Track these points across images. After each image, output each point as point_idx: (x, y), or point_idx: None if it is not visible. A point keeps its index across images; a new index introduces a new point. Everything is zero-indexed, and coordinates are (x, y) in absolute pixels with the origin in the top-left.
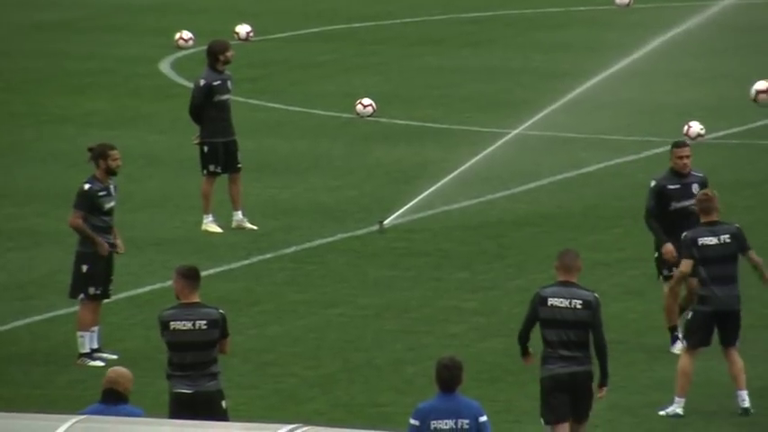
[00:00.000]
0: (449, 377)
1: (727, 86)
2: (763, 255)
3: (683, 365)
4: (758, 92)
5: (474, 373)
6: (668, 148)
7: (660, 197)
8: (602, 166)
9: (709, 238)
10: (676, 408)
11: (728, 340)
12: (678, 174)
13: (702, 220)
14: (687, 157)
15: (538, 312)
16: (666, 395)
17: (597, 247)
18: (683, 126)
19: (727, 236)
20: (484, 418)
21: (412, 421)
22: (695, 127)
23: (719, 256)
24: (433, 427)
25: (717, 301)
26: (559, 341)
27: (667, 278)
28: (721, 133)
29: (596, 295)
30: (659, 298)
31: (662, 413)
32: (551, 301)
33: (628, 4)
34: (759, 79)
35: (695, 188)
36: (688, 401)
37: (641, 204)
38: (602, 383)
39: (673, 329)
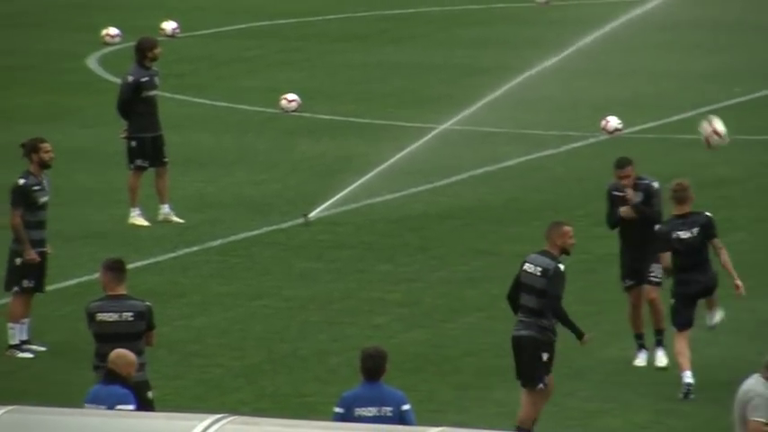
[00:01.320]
0: (373, 366)
1: (642, 83)
2: None
3: (679, 348)
4: (714, 132)
5: (397, 364)
6: (588, 141)
7: (611, 202)
8: (522, 160)
9: (683, 232)
10: (687, 378)
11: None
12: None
13: (676, 211)
14: (627, 177)
15: (519, 275)
16: (582, 383)
17: (518, 239)
18: (601, 121)
19: (697, 228)
20: (407, 407)
21: (337, 409)
22: (613, 122)
23: (693, 248)
24: (357, 414)
25: (698, 285)
26: (523, 305)
27: (628, 288)
28: (637, 128)
29: (559, 265)
30: (578, 288)
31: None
32: (525, 266)
33: (547, 2)
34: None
35: (639, 196)
36: (607, 389)
37: (560, 197)
38: (579, 339)
39: (639, 337)
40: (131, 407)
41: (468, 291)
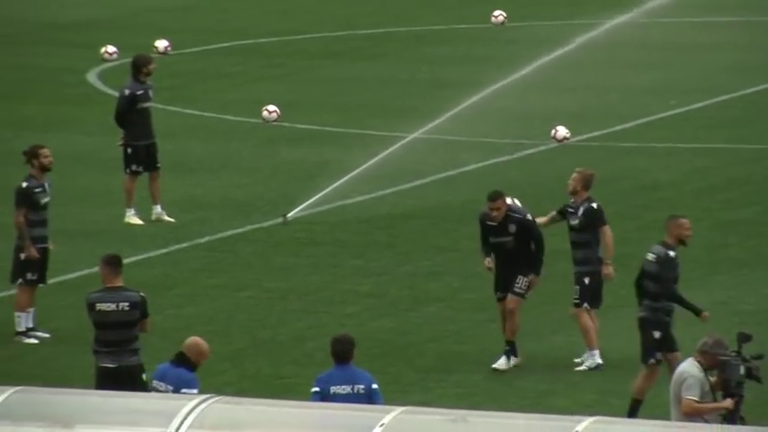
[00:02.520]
0: (341, 350)
1: (588, 96)
2: (620, 245)
3: (586, 324)
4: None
5: (366, 349)
6: (539, 149)
7: (481, 229)
8: (480, 165)
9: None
10: (597, 358)
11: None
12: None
13: (584, 195)
14: (498, 209)
15: (643, 263)
16: (533, 366)
17: (476, 237)
18: (551, 130)
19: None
20: (375, 386)
21: (314, 389)
22: (562, 131)
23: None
24: (332, 391)
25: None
26: (644, 289)
27: (500, 300)
28: (584, 136)
29: (669, 252)
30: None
31: (584, 367)
32: (646, 255)
33: (502, 23)
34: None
35: (512, 228)
36: (556, 372)
37: None
38: (697, 315)
39: (510, 343)
40: (195, 391)
41: (431, 283)
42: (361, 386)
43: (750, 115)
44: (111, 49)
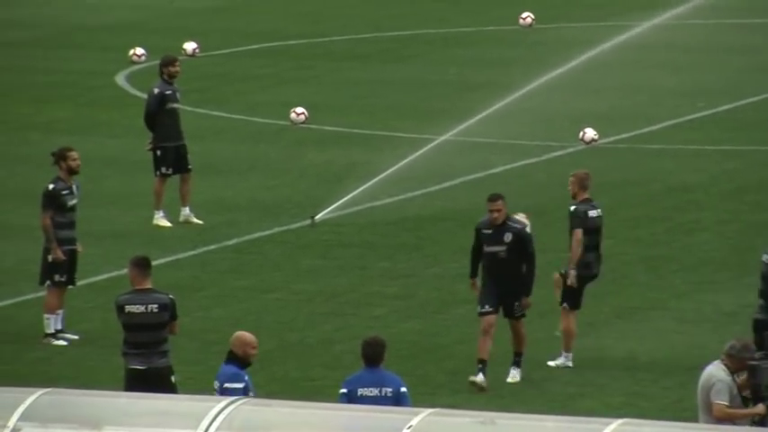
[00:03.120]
0: (372, 353)
1: (617, 97)
2: (649, 247)
3: (568, 327)
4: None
5: (394, 351)
6: (567, 151)
7: (477, 238)
8: (508, 167)
9: (594, 211)
10: (566, 361)
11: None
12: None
13: (583, 196)
14: (498, 210)
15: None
16: (562, 369)
17: None
18: (579, 132)
19: (599, 210)
20: (404, 389)
21: (341, 390)
22: (590, 133)
23: (598, 227)
24: (359, 394)
25: (594, 266)
26: (760, 290)
27: (485, 314)
28: (612, 138)
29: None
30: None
31: (551, 363)
32: (762, 257)
33: (530, 25)
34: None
35: (507, 237)
36: (585, 374)
37: (542, 201)
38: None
39: (480, 362)
40: (239, 386)
41: (459, 285)
42: (389, 389)
43: None
44: (139, 51)
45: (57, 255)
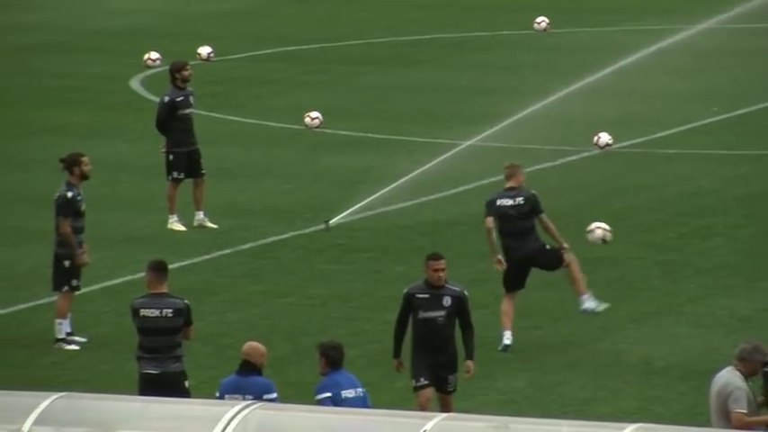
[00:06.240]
0: (339, 356)
1: (631, 102)
2: (663, 251)
3: (504, 307)
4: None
5: (407, 355)
6: (581, 155)
7: (409, 306)
8: None
9: (506, 200)
10: (506, 340)
11: (522, 285)
12: (431, 285)
13: (505, 185)
14: (443, 270)
15: None
16: (576, 373)
17: None
18: (593, 137)
19: (521, 198)
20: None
21: (325, 394)
22: (604, 137)
23: (515, 215)
24: (343, 396)
25: (514, 251)
26: None
27: (420, 388)
28: (626, 143)
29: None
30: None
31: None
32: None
33: (545, 30)
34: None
35: (446, 301)
36: (599, 379)
37: (556, 206)
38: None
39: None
40: (275, 395)
41: (474, 290)
42: (360, 389)
43: None
44: (154, 55)
45: (82, 260)
